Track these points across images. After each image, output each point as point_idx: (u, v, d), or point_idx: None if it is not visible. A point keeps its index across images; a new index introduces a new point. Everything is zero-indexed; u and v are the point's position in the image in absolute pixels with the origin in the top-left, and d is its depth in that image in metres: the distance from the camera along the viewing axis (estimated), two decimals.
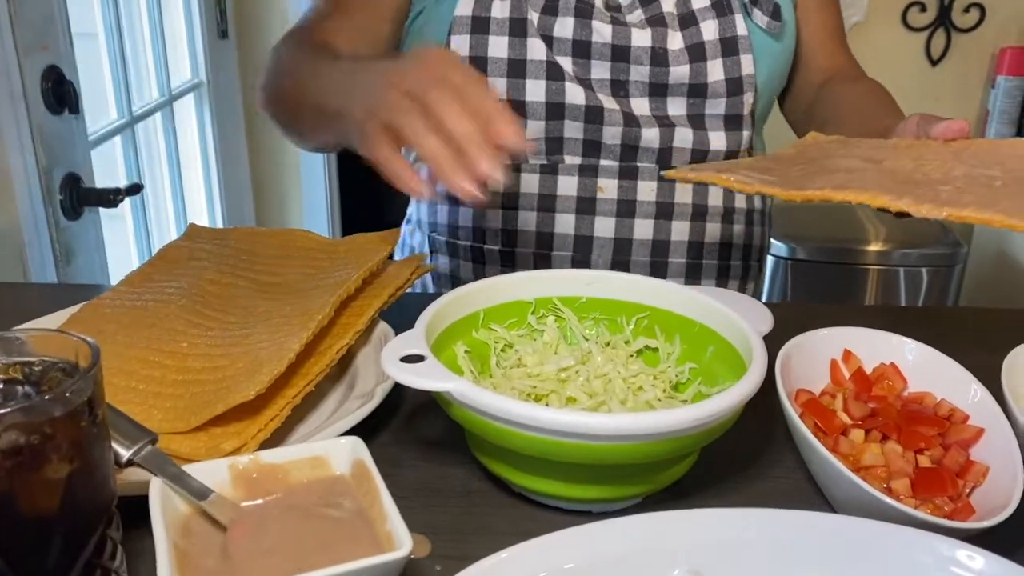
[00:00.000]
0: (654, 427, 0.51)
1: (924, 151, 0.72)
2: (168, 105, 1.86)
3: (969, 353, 0.67)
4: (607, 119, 0.89)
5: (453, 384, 0.53)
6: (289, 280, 0.77)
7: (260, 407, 0.60)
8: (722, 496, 0.60)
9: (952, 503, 0.55)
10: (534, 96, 0.88)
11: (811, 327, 0.67)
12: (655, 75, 0.89)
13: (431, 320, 0.61)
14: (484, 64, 0.87)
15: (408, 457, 0.63)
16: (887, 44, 2.38)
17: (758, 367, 0.56)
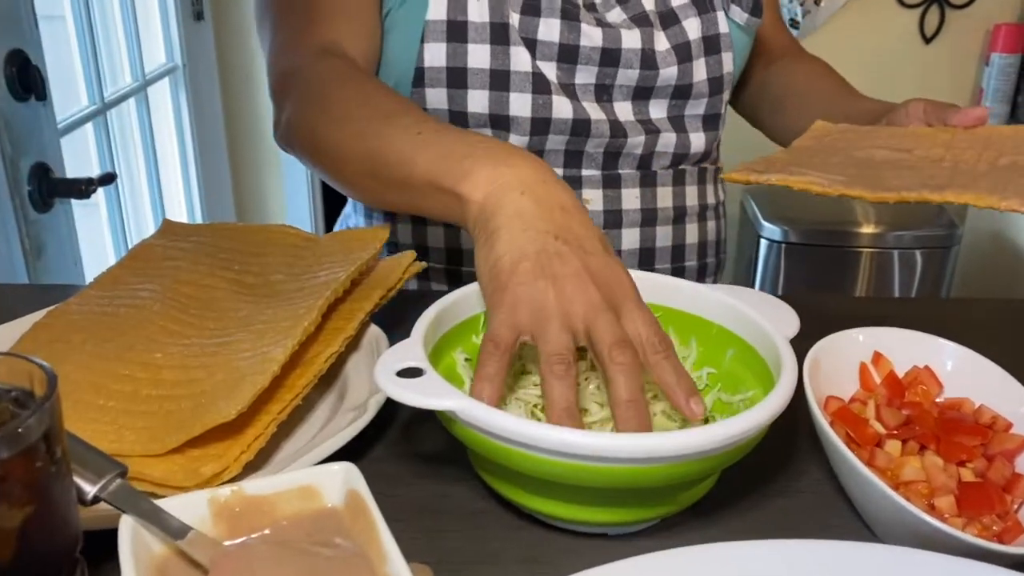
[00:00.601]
0: (681, 448, 0.46)
1: (948, 139, 0.68)
2: (142, 90, 1.79)
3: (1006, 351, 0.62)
4: (594, 131, 0.84)
5: (457, 402, 0.48)
6: (272, 280, 0.71)
7: (242, 425, 0.55)
8: (745, 515, 0.55)
9: (1001, 521, 0.50)
10: (519, 111, 0.82)
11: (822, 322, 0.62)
12: (643, 78, 0.85)
13: (428, 327, 0.56)
14: (463, 76, 0.81)
15: (405, 474, 0.58)
16: (880, 21, 2.33)
17: (789, 376, 0.51)
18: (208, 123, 2.08)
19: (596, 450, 0.46)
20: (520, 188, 0.56)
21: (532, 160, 0.58)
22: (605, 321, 0.51)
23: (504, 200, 0.55)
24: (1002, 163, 0.61)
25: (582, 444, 0.46)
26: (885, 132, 0.74)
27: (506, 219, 0.55)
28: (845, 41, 2.31)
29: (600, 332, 0.51)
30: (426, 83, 0.81)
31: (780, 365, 0.52)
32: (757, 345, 0.56)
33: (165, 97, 1.93)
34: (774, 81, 0.98)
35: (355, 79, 0.74)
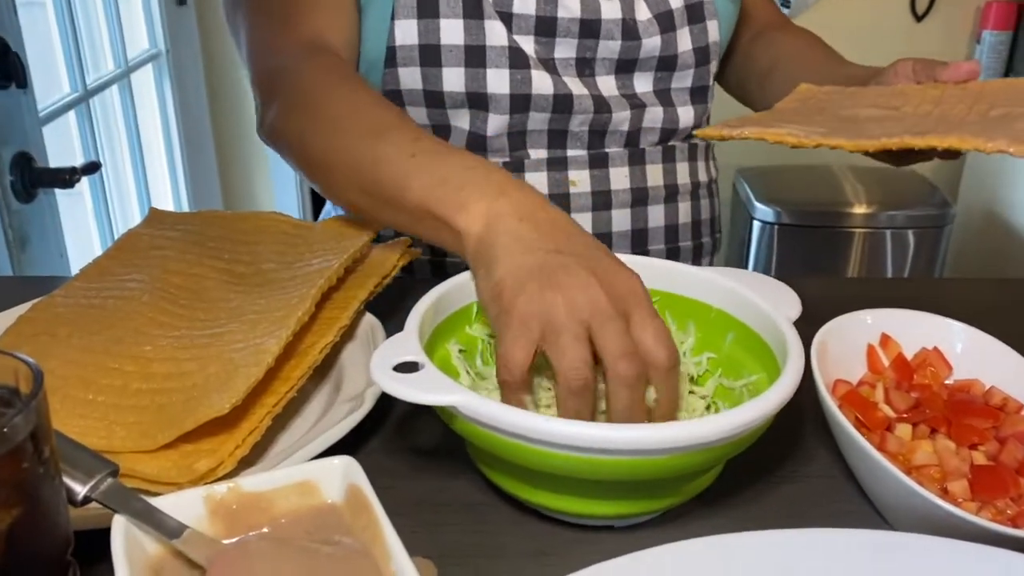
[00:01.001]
0: (685, 439, 0.45)
1: (937, 95, 0.67)
2: (125, 77, 1.76)
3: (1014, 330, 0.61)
4: (576, 107, 0.81)
5: (458, 397, 0.46)
6: (263, 269, 0.70)
7: (236, 419, 0.53)
8: (753, 503, 0.54)
9: (1015, 505, 0.49)
10: (496, 88, 0.79)
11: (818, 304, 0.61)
12: (625, 50, 0.82)
13: (422, 319, 0.54)
14: (437, 53, 0.78)
15: (404, 467, 0.57)
16: None
17: (796, 362, 0.50)
18: (193, 110, 2.05)
19: (599, 442, 0.44)
20: (518, 216, 0.55)
21: (528, 189, 0.57)
22: (613, 330, 0.49)
23: (501, 229, 0.54)
24: (993, 114, 0.59)
25: (585, 436, 0.44)
26: (872, 92, 0.72)
27: (505, 245, 0.53)
28: (837, 19, 2.29)
29: (607, 340, 0.49)
30: (399, 63, 0.79)
31: (785, 349, 0.51)
32: (759, 329, 0.55)
33: (149, 84, 1.90)
34: (760, 53, 0.95)
35: (345, 84, 0.71)
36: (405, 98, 0.81)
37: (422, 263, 0.89)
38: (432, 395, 0.47)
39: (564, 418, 0.49)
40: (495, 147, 0.82)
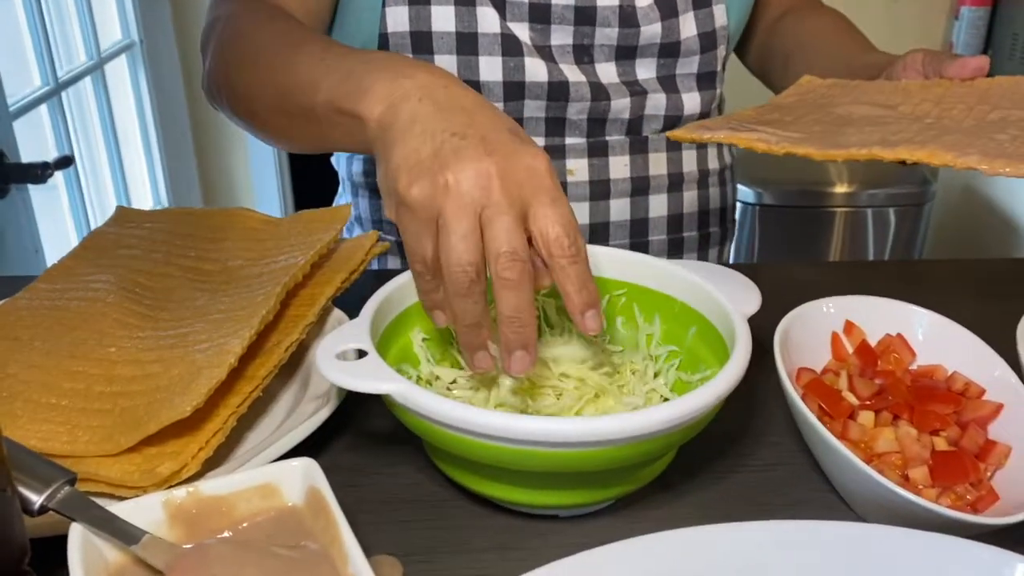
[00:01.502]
0: (619, 432, 0.44)
1: (941, 92, 0.66)
2: (98, 69, 1.75)
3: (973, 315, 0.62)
4: (573, 94, 0.80)
5: (393, 385, 0.46)
6: (230, 267, 0.69)
7: (200, 421, 0.53)
8: (714, 492, 0.54)
9: (975, 490, 0.50)
10: (490, 75, 0.78)
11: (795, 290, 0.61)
12: (623, 37, 0.80)
13: (380, 307, 0.54)
14: (428, 41, 0.77)
15: (373, 465, 0.57)
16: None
17: (740, 357, 0.49)
18: (170, 102, 2.03)
19: (529, 435, 0.44)
20: (418, 96, 0.51)
21: (436, 70, 0.54)
22: (500, 225, 0.46)
23: (401, 111, 0.51)
24: (992, 117, 0.59)
25: (515, 429, 0.44)
26: (873, 87, 0.71)
27: (402, 129, 0.50)
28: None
29: (490, 238, 0.46)
30: (390, 50, 0.78)
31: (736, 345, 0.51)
32: (717, 323, 0.55)
33: (123, 75, 1.88)
34: (783, 35, 0.92)
35: (274, 20, 0.70)
36: None
37: (398, 246, 0.88)
38: (369, 383, 0.46)
39: (454, 321, 0.49)
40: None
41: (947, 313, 0.60)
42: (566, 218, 0.47)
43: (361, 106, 0.53)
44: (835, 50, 0.86)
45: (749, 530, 0.41)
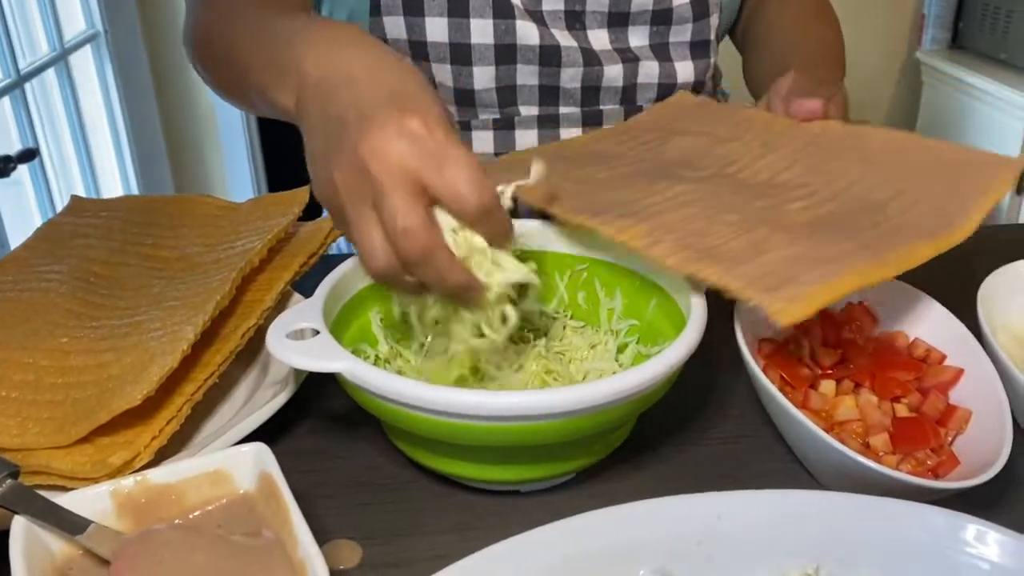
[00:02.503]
0: (572, 403, 0.44)
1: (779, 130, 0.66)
2: (62, 60, 1.72)
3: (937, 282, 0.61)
4: (565, 59, 0.79)
5: (344, 364, 0.46)
6: (188, 254, 0.68)
7: (154, 409, 0.52)
8: (678, 463, 0.54)
9: (935, 455, 0.50)
10: (480, 38, 0.77)
11: None
12: (615, 3, 0.79)
13: (335, 286, 0.54)
14: (420, 2, 0.76)
15: (333, 448, 0.56)
16: None
17: (693, 329, 0.49)
18: (138, 92, 2.00)
19: (482, 409, 0.43)
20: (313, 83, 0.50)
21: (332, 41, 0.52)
22: (387, 208, 0.44)
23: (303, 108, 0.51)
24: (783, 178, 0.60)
25: (464, 403, 0.44)
26: (729, 114, 0.70)
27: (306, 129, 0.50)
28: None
29: (384, 218, 0.44)
30: (383, 11, 0.77)
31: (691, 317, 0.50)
32: (676, 296, 0.54)
33: (88, 66, 1.86)
34: (757, 21, 0.89)
35: None
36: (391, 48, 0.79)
37: None
38: (319, 362, 0.46)
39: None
40: (484, 102, 0.80)
41: (911, 279, 0.59)
42: (461, 180, 0.44)
43: (280, 97, 0.54)
44: (779, 50, 0.85)
45: (706, 502, 0.41)
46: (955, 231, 0.51)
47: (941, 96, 2.26)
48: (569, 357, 0.59)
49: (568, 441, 0.47)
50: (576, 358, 0.59)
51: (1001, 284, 0.59)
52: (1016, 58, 2.03)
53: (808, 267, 0.48)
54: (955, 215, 0.53)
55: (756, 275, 0.47)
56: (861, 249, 0.49)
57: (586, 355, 0.59)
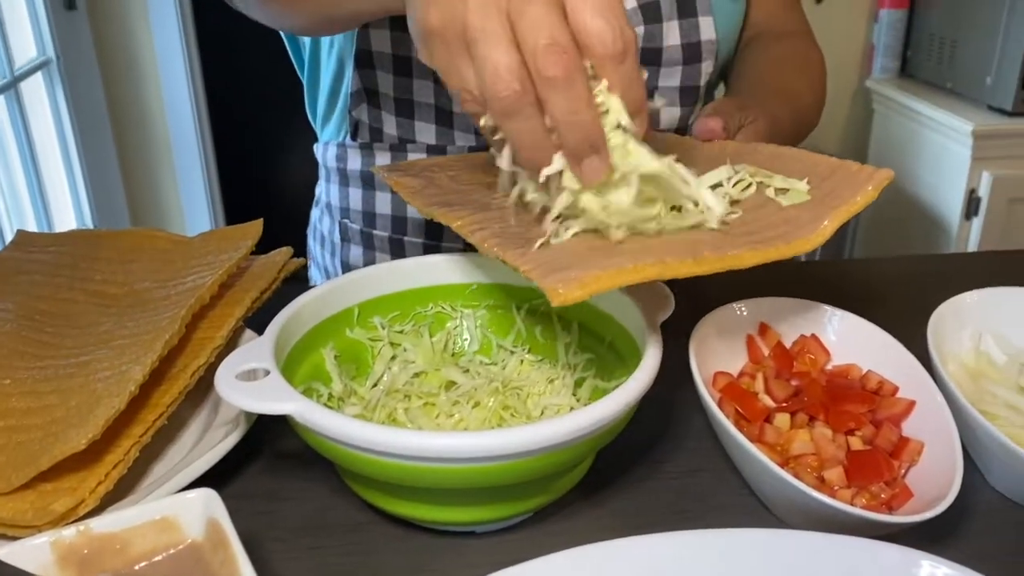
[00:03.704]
0: (526, 443, 0.43)
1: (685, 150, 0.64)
2: (12, 88, 1.69)
3: (889, 313, 0.62)
4: None
5: (294, 405, 0.45)
6: (137, 290, 0.67)
7: (100, 453, 0.51)
8: (635, 500, 0.54)
9: (889, 488, 0.50)
10: None
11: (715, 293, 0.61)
12: None
13: (287, 323, 0.53)
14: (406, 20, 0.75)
15: (286, 489, 0.55)
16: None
17: (648, 365, 0.48)
18: (91, 120, 1.98)
19: (436, 451, 0.43)
20: None
21: None
22: (530, 17, 0.39)
23: None
24: None
25: (419, 446, 0.43)
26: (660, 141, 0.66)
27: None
28: None
29: (524, 35, 0.40)
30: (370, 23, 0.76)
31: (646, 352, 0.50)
32: (633, 330, 0.54)
33: (40, 94, 1.83)
34: (739, 61, 0.87)
35: None
36: (375, 61, 0.79)
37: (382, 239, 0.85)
38: (268, 403, 0.45)
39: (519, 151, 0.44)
40: (462, 126, 0.79)
41: (865, 312, 0.60)
42: (611, 7, 0.41)
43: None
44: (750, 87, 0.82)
45: (661, 542, 0.41)
46: (795, 242, 0.48)
47: (891, 123, 2.31)
48: (527, 392, 0.58)
49: (525, 481, 0.46)
50: (533, 393, 0.59)
51: (950, 315, 0.60)
52: (961, 87, 2.09)
53: (605, 256, 0.45)
54: (805, 225, 0.49)
55: (546, 259, 0.45)
56: (682, 247, 0.46)
57: (543, 390, 0.59)
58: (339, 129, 0.88)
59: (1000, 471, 0.53)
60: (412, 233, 0.84)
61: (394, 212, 0.85)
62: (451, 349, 0.62)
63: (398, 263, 0.62)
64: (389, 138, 0.82)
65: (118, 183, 2.11)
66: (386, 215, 0.85)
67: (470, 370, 0.60)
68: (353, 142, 0.85)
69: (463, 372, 0.60)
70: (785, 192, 0.54)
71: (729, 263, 0.46)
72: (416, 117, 0.80)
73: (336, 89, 0.85)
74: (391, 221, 0.85)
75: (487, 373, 0.60)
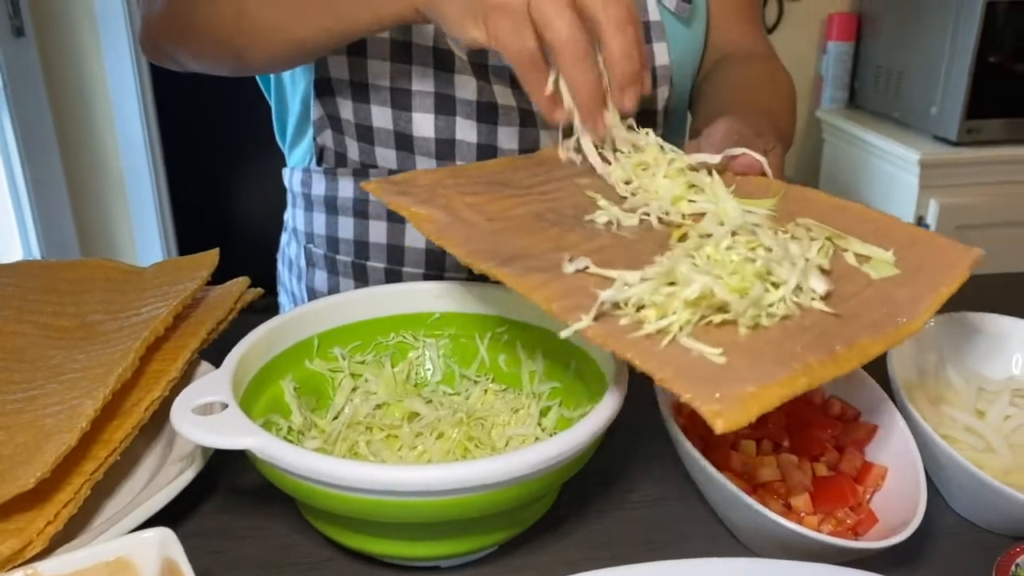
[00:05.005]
0: (490, 475, 0.42)
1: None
2: None
3: None
4: (502, 118, 0.78)
5: (254, 440, 0.44)
6: (89, 322, 0.65)
7: (50, 491, 0.49)
8: (602, 530, 0.53)
9: (855, 514, 0.50)
10: (420, 85, 0.77)
11: None
12: None
13: (245, 355, 0.52)
14: (363, 46, 0.75)
15: (244, 526, 0.54)
16: None
17: (615, 392, 0.48)
18: (40, 149, 1.94)
19: (400, 484, 0.42)
20: None
21: None
22: None
23: None
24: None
25: (383, 479, 0.42)
26: None
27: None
28: None
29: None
30: None
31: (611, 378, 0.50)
32: (595, 356, 0.54)
33: None
34: (709, 82, 0.86)
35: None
36: (335, 87, 0.78)
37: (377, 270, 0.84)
38: (227, 438, 0.44)
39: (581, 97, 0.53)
40: (423, 149, 0.79)
41: None
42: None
43: None
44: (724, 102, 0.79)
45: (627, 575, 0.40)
46: (902, 327, 0.45)
47: (840, 152, 2.36)
48: (491, 423, 0.58)
49: (491, 513, 0.45)
50: (498, 423, 0.58)
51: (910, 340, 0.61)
52: (908, 117, 2.14)
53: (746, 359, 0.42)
54: (904, 306, 0.47)
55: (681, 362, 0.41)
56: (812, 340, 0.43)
57: (508, 420, 0.58)
58: (307, 154, 0.87)
59: (961, 494, 0.53)
60: (374, 258, 0.84)
61: (356, 237, 0.84)
62: (413, 379, 0.61)
63: (358, 292, 0.61)
64: (352, 163, 0.82)
65: (67, 213, 2.07)
66: (348, 240, 0.84)
67: (433, 401, 0.59)
68: (318, 167, 0.84)
69: (426, 403, 0.59)
70: (867, 260, 0.51)
71: (860, 357, 0.43)
72: (376, 143, 0.80)
73: (305, 115, 0.85)
74: (353, 246, 0.84)
75: (451, 404, 0.59)
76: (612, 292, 0.44)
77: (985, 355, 0.63)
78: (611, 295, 0.44)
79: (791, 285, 0.46)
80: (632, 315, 0.44)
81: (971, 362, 0.63)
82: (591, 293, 0.45)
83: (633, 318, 0.44)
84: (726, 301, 0.43)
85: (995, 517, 0.52)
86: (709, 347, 0.42)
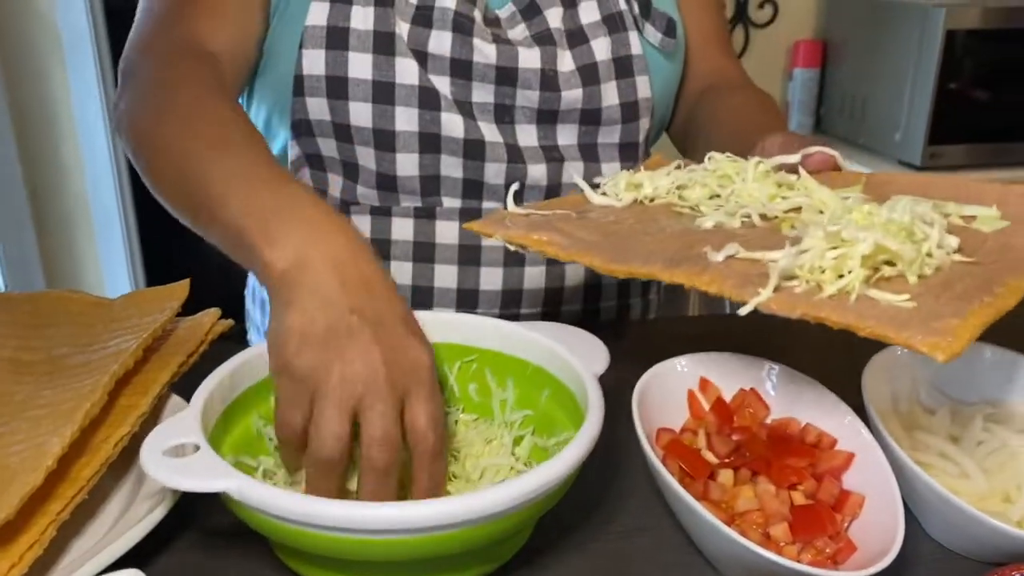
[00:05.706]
0: (468, 512, 0.42)
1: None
2: None
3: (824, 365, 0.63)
4: (489, 154, 0.78)
5: (231, 482, 0.43)
6: (55, 356, 0.64)
7: (14, 532, 0.48)
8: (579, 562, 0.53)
9: (833, 543, 0.50)
10: (405, 125, 0.77)
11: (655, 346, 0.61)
12: (544, 100, 0.79)
13: (213, 393, 0.51)
14: (344, 86, 0.75)
15: (218, 566, 0.52)
16: None
17: (593, 421, 0.48)
18: (3, 177, 1.91)
19: (380, 523, 0.42)
20: (328, 264, 0.51)
21: (349, 235, 0.53)
22: (378, 412, 0.47)
23: (307, 274, 0.51)
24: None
25: (364, 518, 0.42)
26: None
27: (304, 294, 0.50)
28: None
29: (367, 422, 0.47)
30: (306, 92, 0.76)
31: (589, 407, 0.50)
32: (570, 384, 0.54)
33: None
34: (701, 109, 0.88)
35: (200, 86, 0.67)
36: (315, 129, 0.78)
37: None
38: (202, 481, 0.43)
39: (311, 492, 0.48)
40: (407, 188, 0.79)
41: (801, 365, 0.61)
42: (436, 416, 0.49)
43: (267, 252, 0.52)
44: (742, 128, 0.81)
45: None
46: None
47: None
48: (464, 454, 0.57)
49: (468, 550, 0.45)
50: (472, 454, 0.57)
51: (882, 367, 0.61)
52: (873, 142, 2.18)
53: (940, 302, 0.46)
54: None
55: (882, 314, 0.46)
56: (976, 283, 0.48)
57: (482, 451, 0.57)
58: None
59: (937, 521, 0.54)
60: None
61: None
62: None
63: None
64: (332, 200, 0.81)
65: (32, 243, 2.03)
66: None
67: None
68: None
69: None
70: (972, 219, 0.56)
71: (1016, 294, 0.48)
72: (360, 181, 0.80)
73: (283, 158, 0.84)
74: None
75: None
76: (786, 261, 0.48)
77: (957, 380, 0.64)
78: (786, 264, 0.48)
79: (935, 237, 0.51)
80: (807, 282, 0.48)
81: (945, 387, 0.63)
82: (752, 273, 0.49)
83: (808, 285, 0.48)
84: (895, 252, 0.48)
85: (971, 544, 0.52)
86: (895, 295, 0.46)
